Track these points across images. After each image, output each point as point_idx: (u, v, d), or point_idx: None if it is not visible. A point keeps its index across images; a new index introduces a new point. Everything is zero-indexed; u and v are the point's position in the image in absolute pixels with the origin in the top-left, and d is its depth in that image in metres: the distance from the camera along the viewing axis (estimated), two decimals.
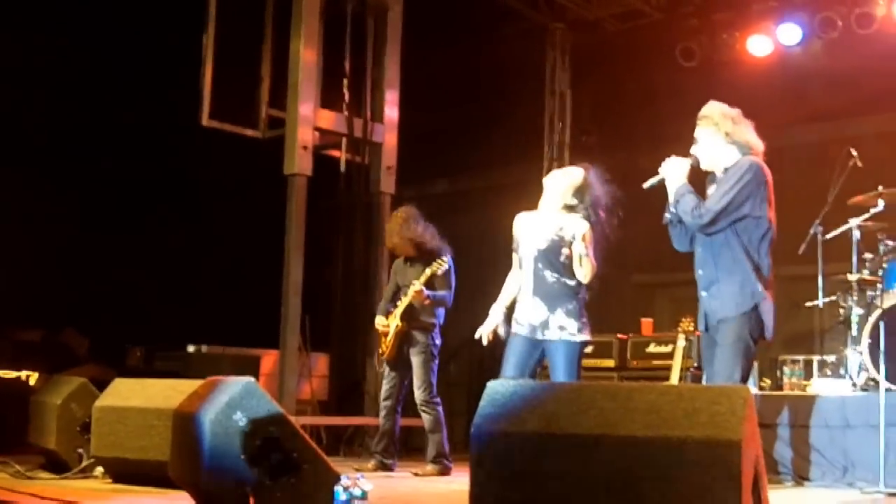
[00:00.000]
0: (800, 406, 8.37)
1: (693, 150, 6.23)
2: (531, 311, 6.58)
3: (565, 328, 6.53)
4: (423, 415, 8.67)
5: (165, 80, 11.44)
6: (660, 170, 6.21)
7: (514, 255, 6.86)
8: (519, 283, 6.77)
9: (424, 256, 8.70)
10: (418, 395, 8.64)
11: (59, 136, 11.63)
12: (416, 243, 8.76)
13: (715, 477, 3.80)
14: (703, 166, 6.24)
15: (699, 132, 6.23)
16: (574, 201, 6.76)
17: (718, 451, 3.82)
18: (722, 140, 6.15)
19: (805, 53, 11.61)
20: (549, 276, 6.59)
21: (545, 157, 13.22)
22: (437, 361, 8.72)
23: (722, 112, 6.20)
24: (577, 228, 6.60)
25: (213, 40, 10.98)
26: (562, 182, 6.83)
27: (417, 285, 8.45)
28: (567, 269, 6.60)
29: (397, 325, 8.63)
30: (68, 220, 11.81)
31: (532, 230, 6.75)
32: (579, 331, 6.57)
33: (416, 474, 8.50)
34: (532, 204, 6.93)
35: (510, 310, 6.86)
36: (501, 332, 6.89)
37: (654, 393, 4.14)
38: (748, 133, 6.19)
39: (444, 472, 8.56)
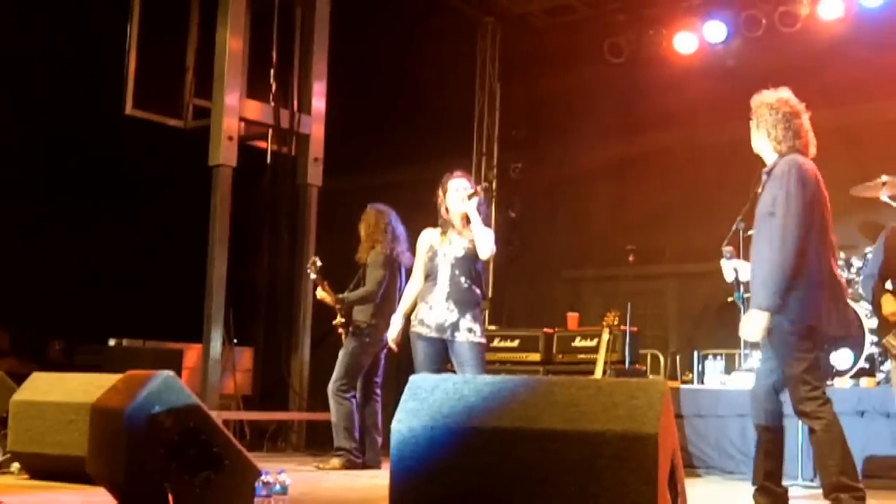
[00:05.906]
0: (720, 400, 8.48)
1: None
2: (442, 314, 6.96)
3: (473, 331, 6.96)
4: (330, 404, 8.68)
5: (88, 67, 11.30)
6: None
7: (419, 265, 7.19)
8: (416, 292, 7.16)
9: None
10: (330, 384, 8.66)
11: None
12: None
13: (632, 470, 3.83)
14: None
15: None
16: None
17: (635, 444, 3.85)
18: None
19: (729, 51, 11.74)
20: (464, 282, 6.98)
21: (475, 151, 13.26)
22: (364, 357, 8.67)
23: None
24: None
25: (138, 28, 10.85)
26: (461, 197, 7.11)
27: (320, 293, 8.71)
28: (477, 278, 7.07)
29: (338, 321, 8.72)
30: None
31: (448, 240, 7.08)
32: (481, 335, 7.03)
33: (318, 467, 8.47)
34: None
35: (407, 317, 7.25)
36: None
37: (574, 387, 4.17)
38: None
39: (350, 465, 8.49)
